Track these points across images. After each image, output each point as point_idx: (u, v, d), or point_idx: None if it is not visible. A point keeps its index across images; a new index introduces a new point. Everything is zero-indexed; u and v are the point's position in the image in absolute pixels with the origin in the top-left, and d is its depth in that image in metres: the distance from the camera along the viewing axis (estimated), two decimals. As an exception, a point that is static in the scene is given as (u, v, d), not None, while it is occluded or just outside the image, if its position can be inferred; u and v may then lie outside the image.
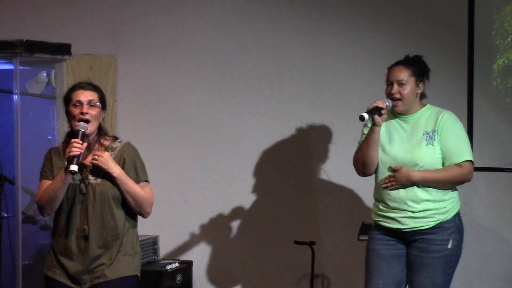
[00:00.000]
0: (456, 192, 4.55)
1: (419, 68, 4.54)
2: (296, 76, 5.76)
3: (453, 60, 5.47)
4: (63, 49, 5.83)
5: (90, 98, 4.09)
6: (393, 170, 4.46)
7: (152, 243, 5.80)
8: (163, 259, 5.84)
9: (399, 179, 4.44)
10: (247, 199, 5.87)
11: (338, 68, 5.68)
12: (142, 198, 4.13)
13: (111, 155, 4.12)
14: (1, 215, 5.53)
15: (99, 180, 4.08)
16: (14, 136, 5.59)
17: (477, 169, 5.36)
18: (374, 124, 4.42)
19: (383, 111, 4.38)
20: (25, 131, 5.66)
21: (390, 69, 4.54)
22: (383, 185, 4.47)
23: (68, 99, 4.14)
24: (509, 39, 5.36)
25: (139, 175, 4.16)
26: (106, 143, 4.17)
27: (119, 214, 4.11)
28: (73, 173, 3.93)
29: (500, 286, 5.40)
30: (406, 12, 5.55)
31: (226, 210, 5.91)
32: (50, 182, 4.09)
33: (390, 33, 5.56)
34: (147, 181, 4.20)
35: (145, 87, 6.05)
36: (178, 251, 5.98)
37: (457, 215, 4.53)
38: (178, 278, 5.63)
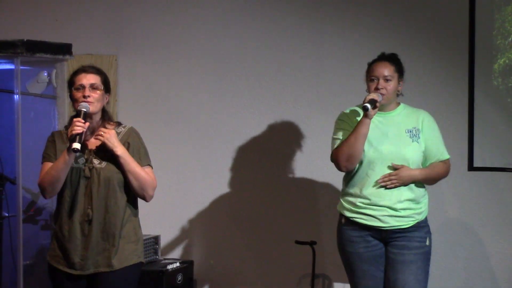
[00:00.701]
0: (427, 195, 4.63)
1: (400, 66, 4.57)
2: (296, 76, 5.76)
3: (454, 59, 5.46)
4: (64, 49, 5.83)
5: (92, 81, 4.10)
6: (394, 168, 4.47)
7: (153, 243, 5.80)
8: (164, 259, 5.84)
9: (402, 177, 4.45)
10: (248, 199, 5.87)
11: (338, 67, 5.68)
12: (144, 180, 4.12)
13: None
14: (2, 215, 5.53)
15: (103, 164, 4.08)
16: (15, 136, 5.60)
17: (477, 168, 5.38)
18: (365, 117, 4.41)
19: (378, 104, 4.39)
20: (26, 131, 5.66)
21: (374, 64, 4.55)
22: (382, 183, 4.46)
23: (71, 83, 4.14)
24: (510, 39, 5.36)
25: (142, 160, 4.17)
26: (110, 127, 4.17)
27: (122, 199, 4.11)
28: (75, 151, 3.92)
29: (501, 286, 5.39)
30: (406, 12, 5.55)
31: (226, 209, 5.92)
32: (52, 163, 4.08)
33: (391, 33, 5.56)
34: (150, 165, 4.21)
35: (146, 86, 6.05)
36: (179, 251, 5.98)
37: (427, 217, 4.61)
38: (179, 278, 5.63)
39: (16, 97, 5.64)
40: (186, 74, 5.97)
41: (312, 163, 5.73)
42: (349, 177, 4.58)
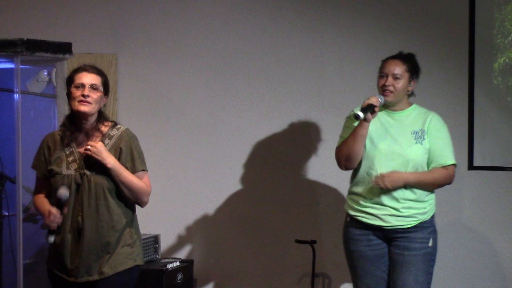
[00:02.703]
0: (433, 195, 4.59)
1: (413, 66, 4.57)
2: (297, 75, 5.76)
3: (454, 59, 5.47)
4: (64, 48, 5.82)
5: (93, 81, 4.06)
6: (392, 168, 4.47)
7: (153, 242, 5.80)
8: (164, 258, 5.84)
9: (393, 179, 4.41)
10: (248, 198, 5.87)
11: (339, 66, 5.68)
12: (138, 188, 4.07)
13: (108, 143, 4.07)
14: (2, 214, 5.52)
15: (93, 172, 4.03)
16: (15, 135, 5.59)
17: (478, 168, 5.38)
18: (364, 120, 4.40)
19: (376, 109, 4.39)
20: (26, 130, 5.66)
21: (386, 61, 4.56)
22: (374, 184, 4.45)
23: (70, 80, 4.10)
24: (510, 38, 5.36)
25: (136, 165, 4.09)
26: (104, 129, 4.11)
27: (115, 205, 4.06)
28: (50, 242, 3.99)
29: (501, 285, 5.39)
30: (407, 11, 5.55)
31: (227, 209, 5.91)
32: (43, 179, 4.11)
33: (391, 32, 5.56)
34: (144, 170, 4.13)
35: (146, 85, 6.05)
36: (179, 250, 5.98)
37: (434, 216, 4.59)
38: (179, 277, 5.63)
39: (16, 96, 5.63)
40: (186, 73, 5.97)
41: (312, 162, 5.73)
42: (353, 176, 4.59)
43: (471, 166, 5.39)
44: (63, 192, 3.98)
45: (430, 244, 4.51)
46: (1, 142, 5.81)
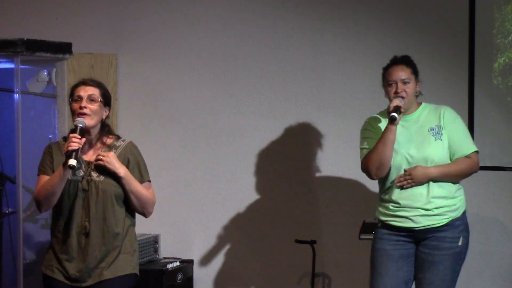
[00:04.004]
0: (462, 189, 4.56)
1: (415, 67, 4.56)
2: (297, 75, 5.76)
3: (454, 59, 5.47)
4: (64, 48, 5.83)
5: (90, 92, 4.08)
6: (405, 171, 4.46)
7: (153, 242, 5.80)
8: (164, 258, 5.84)
9: (417, 177, 4.41)
10: (248, 198, 5.87)
11: (339, 67, 5.68)
12: (146, 199, 4.14)
13: (114, 153, 4.11)
14: (2, 213, 5.52)
15: (102, 178, 4.06)
16: (15, 134, 5.60)
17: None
18: (391, 123, 4.37)
19: (402, 110, 4.38)
20: (26, 130, 5.66)
21: (390, 69, 4.53)
22: (398, 184, 4.45)
23: (71, 95, 4.13)
24: (510, 38, 5.36)
25: (143, 176, 4.17)
26: (109, 141, 4.16)
27: (120, 212, 4.10)
28: (71, 167, 3.90)
29: (502, 285, 5.40)
30: (407, 11, 5.55)
31: (227, 208, 5.91)
32: (48, 177, 4.07)
33: (391, 32, 5.56)
34: (149, 181, 4.21)
35: (146, 85, 6.05)
36: (179, 250, 5.98)
37: (465, 212, 4.54)
38: (179, 277, 5.63)
39: (16, 96, 5.64)
40: (186, 73, 5.97)
41: (313, 162, 5.73)
42: (382, 184, 4.56)
43: (471, 166, 5.39)
44: (80, 120, 4.01)
45: (460, 243, 4.46)
46: (1, 142, 5.81)
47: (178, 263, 5.68)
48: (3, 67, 5.83)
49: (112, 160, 4.05)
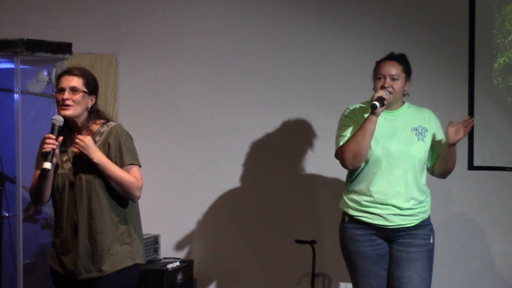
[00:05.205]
0: (429, 193, 4.62)
1: (408, 67, 4.58)
2: (297, 74, 5.76)
3: (454, 58, 5.47)
4: (64, 48, 5.83)
5: (72, 84, 4.03)
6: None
7: (153, 242, 5.80)
8: (164, 258, 5.84)
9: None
10: (248, 198, 5.87)
11: (339, 66, 5.68)
12: (126, 182, 4.02)
13: (98, 140, 4.05)
14: (2, 215, 5.52)
15: (86, 168, 4.02)
16: (15, 135, 5.59)
17: (478, 168, 5.38)
18: (372, 114, 4.39)
19: (385, 102, 4.39)
20: (26, 130, 5.65)
21: (381, 63, 4.56)
22: (465, 128, 4.44)
23: (56, 85, 4.11)
24: (510, 38, 5.36)
25: (124, 158, 4.05)
26: (95, 127, 4.10)
27: (108, 202, 4.05)
28: (46, 170, 3.90)
29: (502, 285, 5.40)
30: (407, 11, 5.55)
31: (227, 208, 5.91)
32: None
33: (391, 32, 5.56)
34: (133, 164, 4.08)
35: (146, 85, 6.05)
36: (179, 250, 5.98)
37: (429, 215, 4.62)
38: (179, 277, 5.63)
39: (16, 96, 5.63)
40: (187, 73, 5.97)
41: (313, 162, 5.73)
42: (354, 174, 4.55)
43: (471, 166, 5.39)
44: (57, 118, 3.98)
45: (431, 241, 4.54)
46: (1, 142, 5.80)
47: (178, 263, 5.68)
48: (3, 67, 5.82)
49: (87, 146, 3.97)
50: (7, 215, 5.53)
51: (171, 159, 5.99)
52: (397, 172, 4.48)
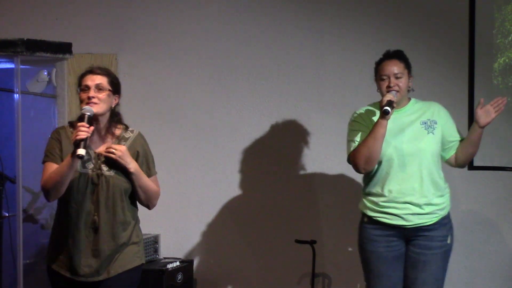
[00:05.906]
0: (448, 189, 4.60)
1: (408, 62, 4.57)
2: (297, 75, 5.76)
3: (454, 59, 5.47)
4: (64, 48, 5.83)
5: (98, 82, 4.02)
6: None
7: (153, 242, 5.80)
8: (164, 258, 5.84)
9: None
10: (248, 198, 5.87)
11: (339, 66, 5.68)
12: (152, 193, 4.13)
13: (124, 146, 4.06)
14: (2, 215, 5.52)
15: (112, 172, 4.02)
16: (15, 135, 5.60)
17: (478, 168, 5.38)
18: (383, 118, 4.37)
19: (394, 104, 4.38)
20: (26, 130, 5.66)
21: (383, 63, 4.54)
22: (496, 108, 4.45)
23: (78, 85, 4.07)
24: (510, 38, 5.36)
25: (151, 169, 4.16)
26: (118, 131, 4.10)
27: (128, 206, 4.08)
28: (80, 157, 3.83)
29: (502, 285, 5.40)
30: (407, 11, 5.56)
31: (227, 209, 5.91)
32: (56, 165, 3.97)
33: (391, 32, 5.56)
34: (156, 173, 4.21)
35: (146, 85, 6.05)
36: (179, 250, 5.98)
37: (449, 211, 4.60)
38: (179, 277, 5.63)
39: (16, 96, 5.64)
40: (187, 73, 5.97)
41: (313, 162, 5.73)
42: (369, 176, 4.54)
43: (471, 166, 5.39)
44: (87, 108, 3.95)
45: (449, 241, 4.52)
46: (1, 142, 5.81)
47: (178, 263, 5.68)
48: (3, 67, 5.83)
49: (124, 155, 3.99)
50: (7, 215, 5.53)
51: (171, 159, 5.99)
52: (410, 168, 4.46)
